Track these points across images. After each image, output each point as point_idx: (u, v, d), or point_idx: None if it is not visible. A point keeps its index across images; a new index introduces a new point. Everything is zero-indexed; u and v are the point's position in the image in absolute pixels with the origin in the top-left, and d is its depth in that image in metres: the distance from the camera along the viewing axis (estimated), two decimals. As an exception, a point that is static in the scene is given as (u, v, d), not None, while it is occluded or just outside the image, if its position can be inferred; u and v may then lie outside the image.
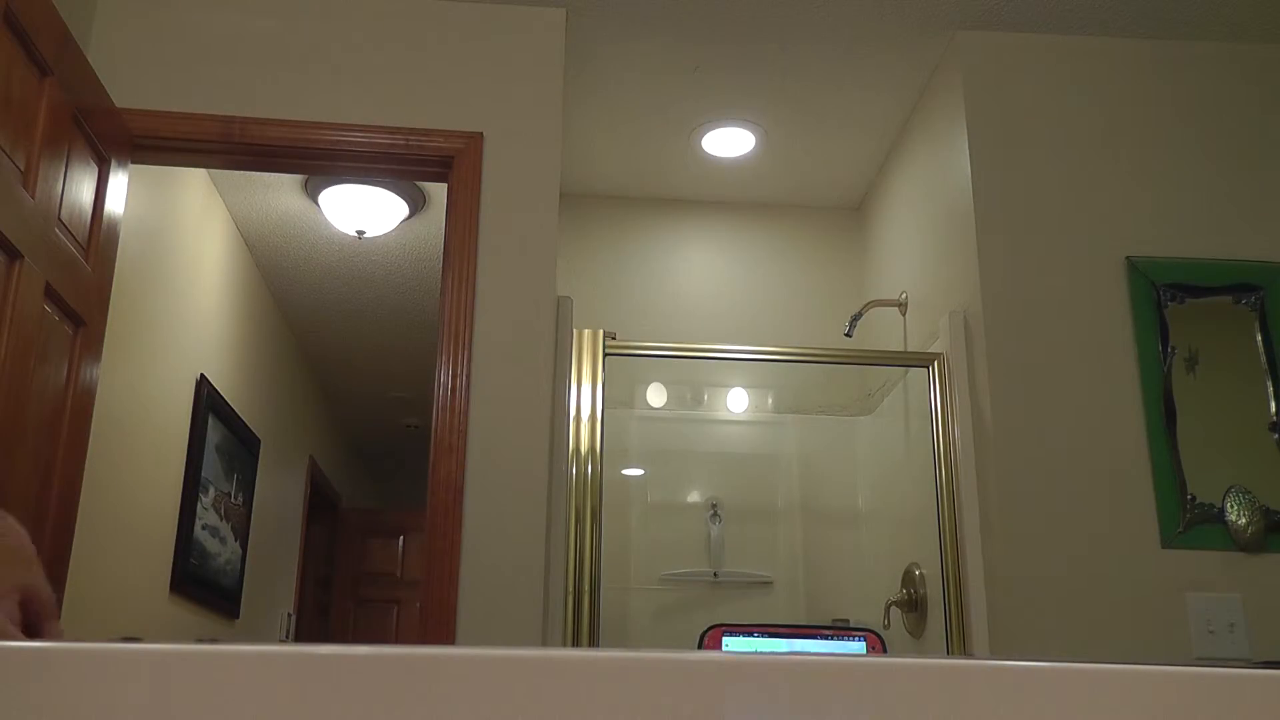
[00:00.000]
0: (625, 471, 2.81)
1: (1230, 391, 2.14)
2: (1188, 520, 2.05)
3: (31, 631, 0.66)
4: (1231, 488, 2.07)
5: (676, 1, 2.30)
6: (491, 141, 2.22)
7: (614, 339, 2.23)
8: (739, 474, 2.87)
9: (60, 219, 1.79)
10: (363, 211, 3.26)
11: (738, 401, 2.96)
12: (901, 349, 2.61)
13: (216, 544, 3.37)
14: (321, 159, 2.23)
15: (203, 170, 3.13)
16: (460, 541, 1.96)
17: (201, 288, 3.24)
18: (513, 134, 2.23)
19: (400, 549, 5.96)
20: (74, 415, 1.87)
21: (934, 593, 2.23)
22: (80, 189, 1.88)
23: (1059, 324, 2.17)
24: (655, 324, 2.97)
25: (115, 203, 2.04)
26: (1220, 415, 2.12)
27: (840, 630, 2.21)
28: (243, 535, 3.68)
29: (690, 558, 2.73)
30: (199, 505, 3.16)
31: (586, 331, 2.21)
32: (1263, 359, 2.16)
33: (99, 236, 1.97)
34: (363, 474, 6.60)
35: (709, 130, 2.79)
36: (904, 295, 2.65)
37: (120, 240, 2.12)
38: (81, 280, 1.90)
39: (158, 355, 2.87)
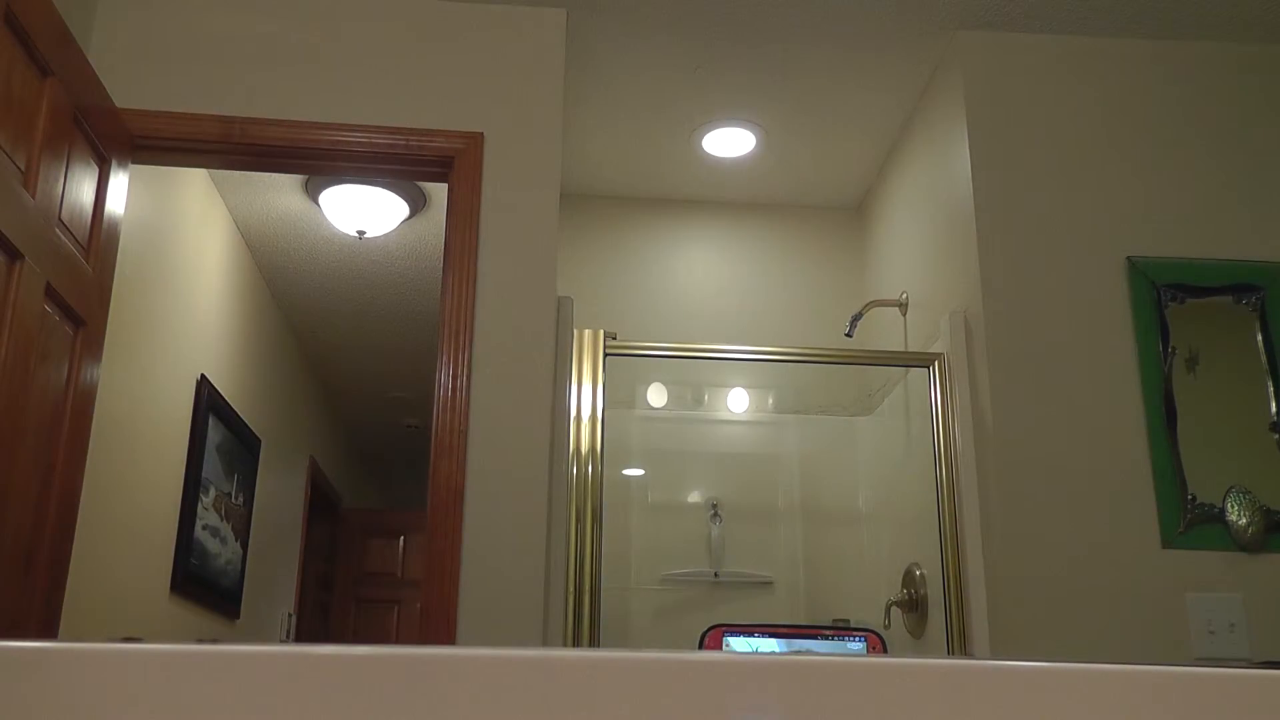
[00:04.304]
0: (625, 471, 2.81)
1: (1230, 391, 2.14)
2: (1188, 520, 2.05)
3: None
4: (1232, 488, 2.07)
5: (677, 1, 2.30)
6: (492, 141, 2.22)
7: (614, 339, 2.23)
8: (739, 474, 2.87)
9: (61, 219, 1.80)
10: (363, 211, 3.27)
11: (738, 401, 2.96)
12: (902, 349, 2.61)
13: (217, 544, 3.37)
14: (321, 159, 2.23)
15: (203, 170, 3.13)
16: (460, 542, 1.97)
17: (202, 288, 3.24)
18: (513, 134, 2.23)
19: (401, 549, 5.96)
20: (74, 415, 1.87)
21: (934, 593, 2.23)
22: (81, 189, 1.88)
23: (1059, 324, 2.17)
24: (655, 324, 2.97)
25: (115, 203, 2.05)
26: (1220, 415, 2.12)
27: (840, 630, 2.21)
28: (243, 535, 3.68)
29: (691, 558, 2.73)
30: (200, 505, 3.16)
31: (587, 331, 2.21)
32: (1263, 359, 2.16)
33: (99, 236, 1.97)
34: (363, 474, 6.60)
35: (709, 130, 2.79)
36: (904, 295, 2.65)
37: (120, 240, 2.12)
38: (82, 280, 1.90)
39: (158, 355, 2.87)
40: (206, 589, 3.22)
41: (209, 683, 0.33)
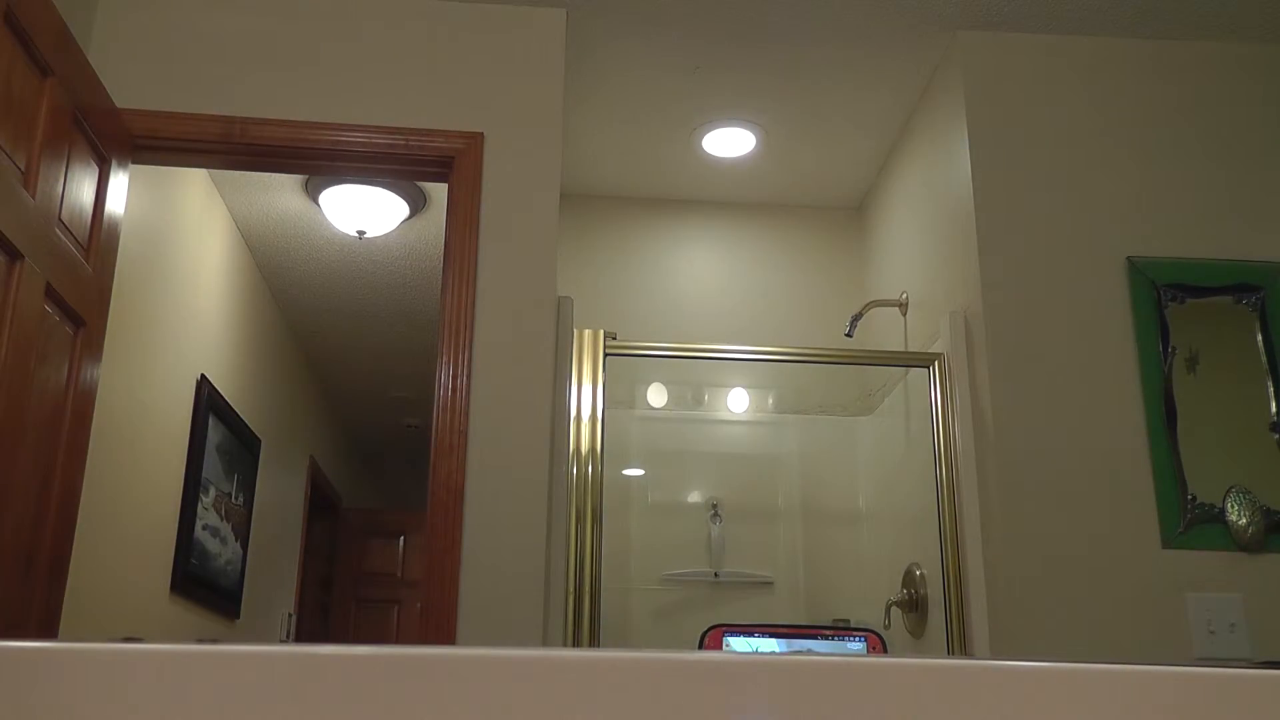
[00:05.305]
0: (625, 471, 2.81)
1: (1231, 391, 2.14)
2: (1188, 520, 2.05)
3: None
4: (1232, 488, 2.07)
5: (677, 1, 2.30)
6: (492, 141, 2.22)
7: (614, 339, 2.23)
8: (739, 474, 2.87)
9: (61, 219, 1.80)
10: (363, 211, 3.27)
11: (738, 401, 2.96)
12: (902, 349, 2.61)
13: (217, 544, 3.37)
14: (321, 159, 2.23)
15: (203, 170, 3.13)
16: (460, 542, 1.97)
17: (202, 288, 3.25)
18: (513, 134, 2.23)
19: (400, 549, 5.95)
20: (74, 415, 1.88)
21: (934, 593, 2.23)
22: (81, 189, 1.88)
23: (1059, 324, 2.17)
24: (655, 324, 2.97)
25: (116, 203, 2.05)
26: (1221, 415, 2.12)
27: (840, 630, 2.21)
28: (243, 535, 3.68)
29: (691, 558, 2.73)
30: (200, 505, 3.16)
31: (587, 331, 2.21)
32: (1263, 359, 2.16)
33: (99, 237, 1.97)
34: (363, 474, 6.60)
35: (709, 130, 2.79)
36: (904, 295, 2.65)
37: (120, 240, 2.12)
38: (82, 280, 1.90)
39: (158, 355, 2.87)
40: (206, 589, 3.22)
41: (209, 683, 0.33)
